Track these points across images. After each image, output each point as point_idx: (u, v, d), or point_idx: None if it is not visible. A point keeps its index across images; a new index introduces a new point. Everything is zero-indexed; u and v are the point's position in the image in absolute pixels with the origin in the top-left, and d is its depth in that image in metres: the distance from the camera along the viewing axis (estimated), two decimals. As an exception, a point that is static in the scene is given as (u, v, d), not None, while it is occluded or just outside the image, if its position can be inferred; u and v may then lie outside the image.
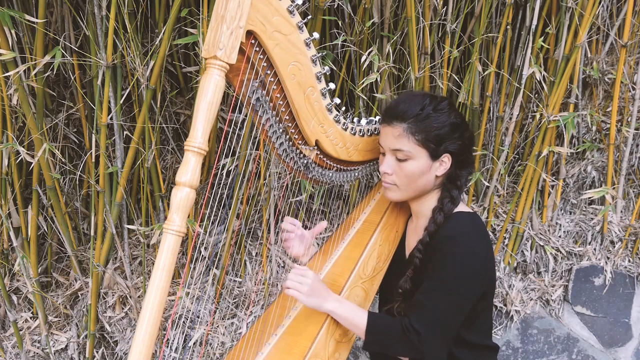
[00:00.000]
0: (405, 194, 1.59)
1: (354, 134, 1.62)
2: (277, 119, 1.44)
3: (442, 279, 1.48)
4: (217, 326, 2.41)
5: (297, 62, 1.38)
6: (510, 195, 2.66)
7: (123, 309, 2.42)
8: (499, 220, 2.60)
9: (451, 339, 1.50)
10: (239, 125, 2.32)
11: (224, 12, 1.18)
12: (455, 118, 1.54)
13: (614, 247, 2.61)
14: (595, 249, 2.61)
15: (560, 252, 2.60)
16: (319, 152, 1.56)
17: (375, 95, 2.35)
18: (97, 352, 2.41)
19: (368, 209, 1.78)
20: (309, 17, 1.44)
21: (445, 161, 1.55)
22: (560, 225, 2.64)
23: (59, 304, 2.44)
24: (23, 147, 2.17)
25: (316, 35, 1.42)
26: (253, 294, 2.46)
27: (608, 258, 2.58)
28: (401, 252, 1.70)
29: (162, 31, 2.13)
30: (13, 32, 2.00)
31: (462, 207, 1.59)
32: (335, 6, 2.26)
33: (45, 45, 2.25)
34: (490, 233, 2.61)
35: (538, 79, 2.34)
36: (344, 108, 1.58)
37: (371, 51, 2.20)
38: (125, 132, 2.30)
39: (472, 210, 1.62)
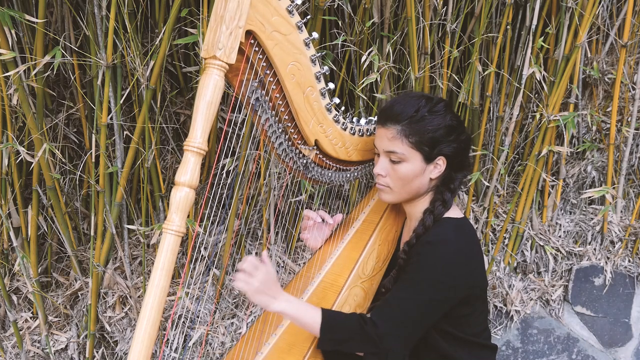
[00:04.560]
0: (398, 197, 1.58)
1: (354, 133, 1.62)
2: (277, 118, 1.45)
3: (413, 280, 1.47)
4: (217, 326, 2.41)
5: (296, 62, 1.38)
6: (510, 195, 2.66)
7: (123, 309, 2.42)
8: (499, 220, 2.60)
9: (413, 340, 1.47)
10: (238, 125, 2.31)
11: (223, 12, 1.18)
12: (451, 120, 1.52)
13: (614, 247, 2.61)
14: (595, 249, 2.61)
15: (560, 252, 2.60)
16: (318, 152, 1.57)
17: (375, 95, 2.35)
18: (97, 352, 2.41)
19: (367, 209, 1.78)
20: (309, 17, 1.44)
21: (440, 164, 1.53)
22: (560, 225, 2.64)
23: (59, 304, 2.44)
24: (23, 147, 2.17)
25: (315, 35, 1.42)
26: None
27: (608, 258, 2.58)
28: (397, 252, 1.70)
29: (162, 31, 2.13)
30: (13, 32, 2.00)
31: (453, 212, 1.57)
32: (335, 6, 2.26)
33: (45, 45, 2.25)
34: (490, 233, 2.61)
35: (538, 79, 2.34)
36: (343, 108, 1.58)
37: (371, 51, 2.20)
38: (125, 132, 2.31)
39: (461, 216, 1.60)
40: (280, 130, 1.47)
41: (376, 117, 1.63)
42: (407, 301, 1.45)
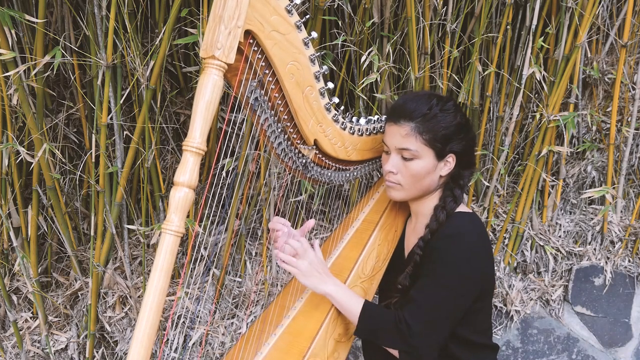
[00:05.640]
0: (408, 194, 1.59)
1: (353, 133, 1.62)
2: (276, 118, 1.45)
3: (437, 276, 1.48)
4: (217, 326, 2.41)
5: (295, 62, 1.38)
6: (510, 195, 2.66)
7: (123, 309, 2.42)
8: (499, 220, 2.60)
9: (444, 336, 1.49)
10: (238, 125, 2.32)
11: (221, 11, 1.18)
12: (460, 118, 1.56)
13: (614, 247, 2.61)
14: (595, 249, 2.61)
15: (560, 252, 2.60)
16: (317, 152, 1.56)
17: (375, 95, 2.35)
18: (97, 352, 2.41)
19: (367, 208, 1.78)
20: (309, 16, 1.44)
21: (450, 161, 1.55)
22: (560, 225, 2.64)
23: (59, 304, 2.44)
24: (23, 147, 2.17)
25: (314, 34, 1.42)
26: (253, 294, 2.46)
27: (608, 258, 2.58)
28: (400, 251, 1.70)
29: (162, 31, 2.13)
30: (13, 32, 2.00)
31: (461, 208, 1.59)
32: (335, 6, 2.26)
33: (45, 45, 2.25)
34: (490, 233, 2.60)
35: (538, 79, 2.34)
36: (342, 107, 1.58)
37: (371, 51, 2.20)
38: (125, 132, 2.31)
39: (471, 211, 1.62)
40: (279, 130, 1.46)
41: (381, 115, 1.63)
42: (435, 298, 1.47)
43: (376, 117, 1.69)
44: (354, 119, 1.63)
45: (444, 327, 1.49)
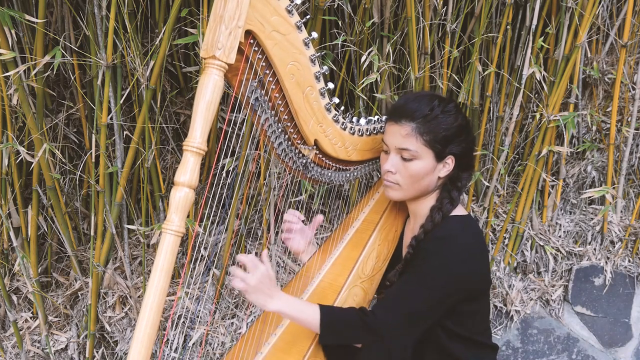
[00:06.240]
0: (406, 194, 1.58)
1: (353, 133, 1.62)
2: (276, 118, 1.45)
3: (418, 274, 1.48)
4: (217, 326, 2.41)
5: (295, 62, 1.38)
6: (510, 195, 2.66)
7: (123, 309, 2.42)
8: (499, 220, 2.60)
9: (414, 332, 1.47)
10: (238, 125, 2.32)
11: (222, 12, 1.18)
12: (461, 120, 1.55)
13: (614, 247, 2.61)
14: (595, 249, 2.61)
15: (560, 252, 2.60)
16: (317, 152, 1.56)
17: (375, 95, 2.35)
18: (97, 352, 2.41)
19: (367, 209, 1.78)
20: (309, 16, 1.44)
21: (449, 163, 1.55)
22: (560, 225, 2.64)
23: (59, 304, 2.44)
24: (23, 147, 2.17)
25: (315, 34, 1.42)
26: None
27: (608, 258, 2.58)
28: (399, 251, 1.70)
29: (162, 31, 2.13)
30: (13, 32, 2.00)
31: (459, 210, 1.59)
32: (335, 6, 2.26)
33: (45, 45, 2.25)
34: (490, 233, 2.60)
35: (538, 79, 2.34)
36: (342, 107, 1.58)
37: (371, 51, 2.20)
38: (125, 132, 2.31)
39: (467, 214, 1.62)
40: (279, 130, 1.46)
41: (382, 114, 1.63)
42: (411, 294, 1.47)
43: (376, 117, 1.69)
44: (354, 119, 1.63)
45: (414, 322, 1.47)
